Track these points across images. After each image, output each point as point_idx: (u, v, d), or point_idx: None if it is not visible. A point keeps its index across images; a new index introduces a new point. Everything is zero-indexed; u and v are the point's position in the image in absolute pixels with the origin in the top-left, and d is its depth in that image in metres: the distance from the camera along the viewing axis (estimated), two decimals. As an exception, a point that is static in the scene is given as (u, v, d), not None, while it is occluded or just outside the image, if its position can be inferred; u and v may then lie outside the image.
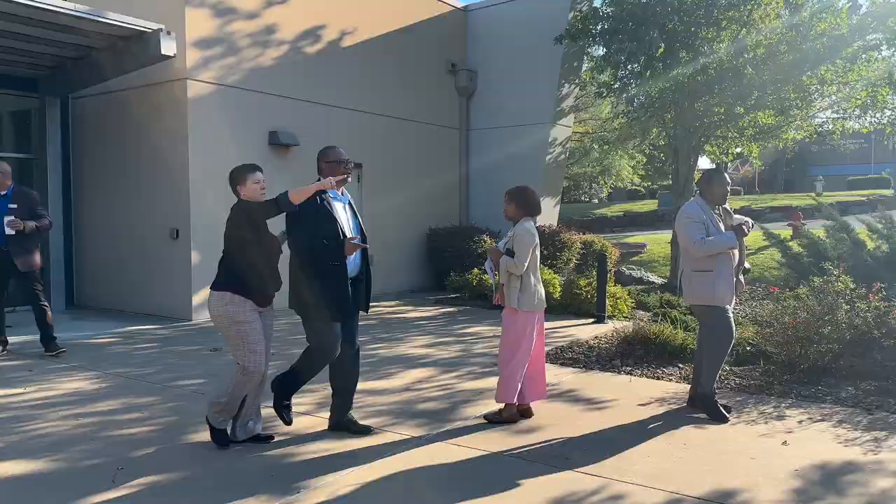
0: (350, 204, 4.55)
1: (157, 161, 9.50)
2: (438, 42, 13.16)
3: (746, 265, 5.26)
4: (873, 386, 5.50)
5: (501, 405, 4.85)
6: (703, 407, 4.96)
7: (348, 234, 4.32)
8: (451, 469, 3.94)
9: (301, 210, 4.14)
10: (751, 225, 4.96)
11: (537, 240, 4.82)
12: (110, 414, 5.00)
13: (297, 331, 5.02)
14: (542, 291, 4.96)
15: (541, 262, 10.56)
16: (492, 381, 5.44)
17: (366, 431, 4.51)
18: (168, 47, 8.28)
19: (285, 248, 4.41)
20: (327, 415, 4.66)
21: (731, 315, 4.95)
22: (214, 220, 9.37)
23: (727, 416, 4.86)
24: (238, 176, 4.22)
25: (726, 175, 5.06)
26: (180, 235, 9.25)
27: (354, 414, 4.66)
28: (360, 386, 4.75)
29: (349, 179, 4.48)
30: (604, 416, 5.04)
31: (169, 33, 8.30)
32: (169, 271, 9.40)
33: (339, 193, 4.46)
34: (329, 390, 4.63)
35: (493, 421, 4.77)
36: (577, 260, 12.07)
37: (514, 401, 4.81)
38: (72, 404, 5.24)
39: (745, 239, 4.93)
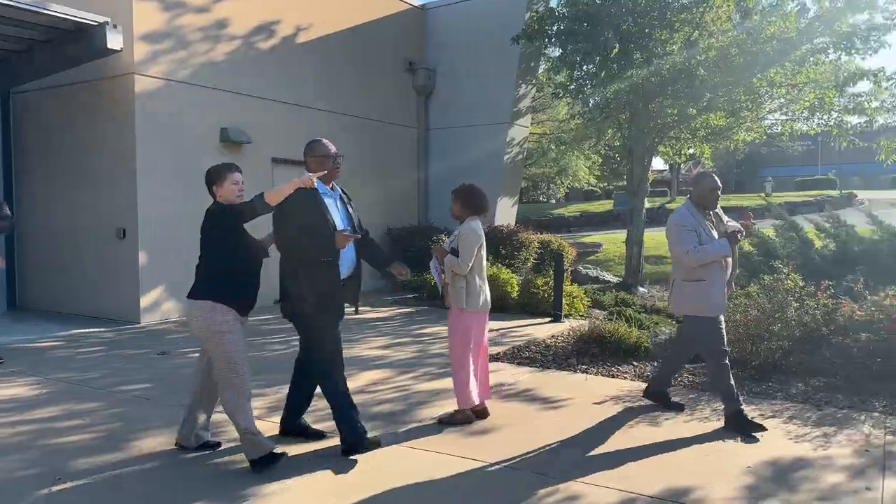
0: (342, 198, 4.31)
1: (104, 159, 9.18)
2: (396, 40, 13.06)
3: (736, 270, 5.01)
4: (822, 382, 5.61)
5: (455, 407, 4.79)
6: (655, 399, 5.11)
7: (339, 228, 4.12)
8: (405, 474, 3.86)
9: (288, 208, 3.92)
10: (742, 232, 4.74)
11: (483, 239, 4.74)
12: (50, 421, 4.78)
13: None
14: (488, 292, 4.88)
15: (499, 262, 10.65)
16: (448, 382, 5.38)
17: (320, 436, 4.40)
18: (114, 41, 8.01)
19: (272, 250, 4.20)
20: (278, 419, 4.54)
21: (722, 326, 4.72)
22: (163, 220, 9.18)
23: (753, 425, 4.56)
24: (215, 175, 3.95)
25: (716, 177, 4.81)
26: (127, 235, 8.95)
27: (307, 418, 4.54)
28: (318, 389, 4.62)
29: (339, 175, 4.26)
30: (560, 415, 5.02)
31: (115, 27, 8.03)
32: (115, 272, 9.10)
33: (329, 189, 4.24)
34: (281, 394, 4.51)
35: (447, 423, 4.71)
36: (534, 259, 12.11)
37: (473, 403, 4.76)
38: (8, 412, 4.99)
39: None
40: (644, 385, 5.80)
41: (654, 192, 38.00)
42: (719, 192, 4.76)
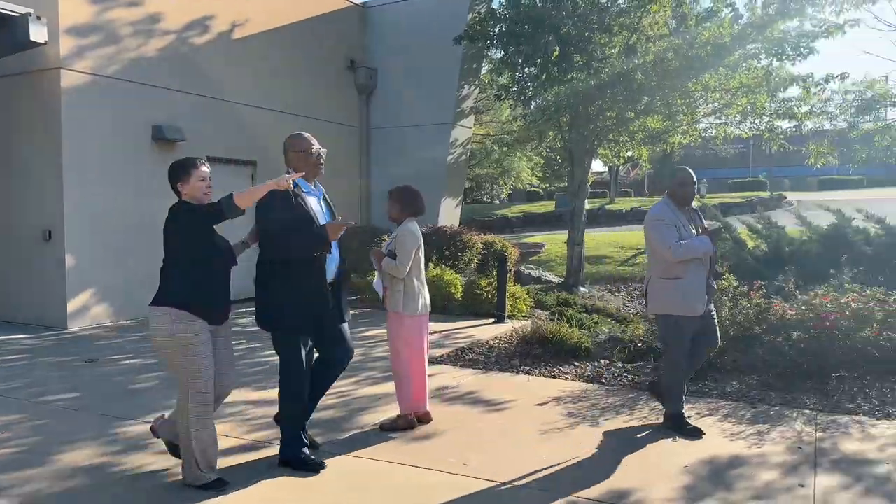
0: (325, 198, 4.11)
1: (28, 157, 8.72)
2: (336, 38, 12.86)
3: (718, 269, 4.94)
4: (756, 380, 5.76)
5: (397, 413, 4.72)
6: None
7: None
8: (349, 484, 3.76)
9: (271, 206, 3.68)
10: (722, 230, 4.78)
11: (421, 241, 4.66)
12: (-37, 437, 4.48)
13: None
14: (427, 295, 4.82)
15: (443, 263, 10.61)
16: (390, 387, 5.29)
17: (313, 446, 4.22)
18: (38, 33, 7.62)
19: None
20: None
21: (690, 329, 4.52)
22: (92, 220, 8.78)
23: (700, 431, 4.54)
24: (180, 171, 3.62)
25: (690, 172, 4.65)
26: (53, 236, 8.52)
27: (241, 427, 4.38)
28: (249, 396, 4.49)
29: (322, 171, 4.04)
30: (502, 417, 5.00)
31: (39, 18, 7.65)
32: (41, 275, 8.64)
33: (312, 186, 4.03)
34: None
35: (389, 429, 4.63)
36: (478, 260, 12.11)
37: (417, 408, 4.70)
38: (-84, 428, 4.66)
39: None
40: (586, 385, 5.86)
41: (595, 193, 38.74)
42: (693, 188, 4.62)
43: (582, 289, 11.72)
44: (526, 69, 11.11)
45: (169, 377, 6.10)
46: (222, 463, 3.85)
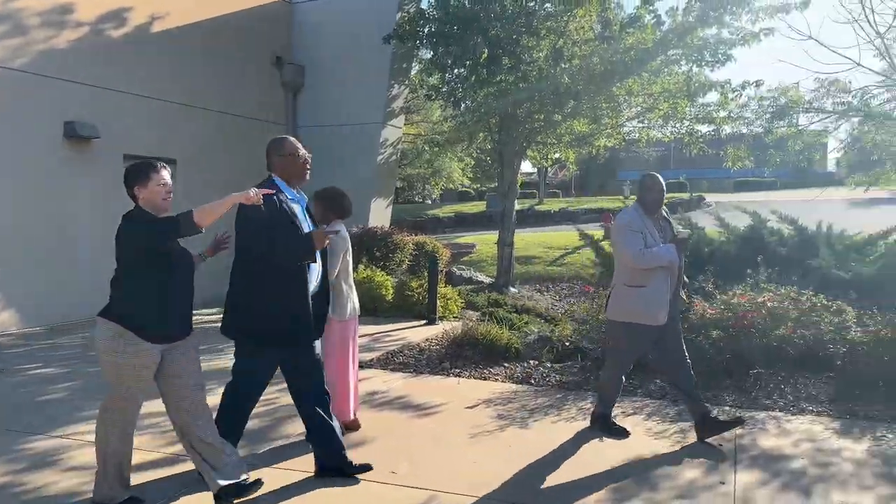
0: (308, 208, 3.86)
1: (-79, 153, 8.09)
2: (262, 33, 12.52)
3: (685, 278, 4.84)
4: (677, 377, 5.91)
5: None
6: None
7: None
8: (275, 497, 3.62)
9: (253, 214, 3.41)
10: (689, 238, 4.68)
11: (349, 244, 4.58)
12: None
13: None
14: (356, 299, 4.72)
15: (374, 264, 10.48)
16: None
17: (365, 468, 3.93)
18: (-69, 20, 7.07)
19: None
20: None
21: (650, 340, 4.49)
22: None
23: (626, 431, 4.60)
24: (137, 174, 3.31)
25: (658, 178, 4.57)
26: (-48, 240, 7.94)
27: (158, 439, 4.17)
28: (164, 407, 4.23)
29: (308, 178, 3.79)
30: (432, 422, 4.95)
31: (-67, 4, 7.09)
32: (-63, 282, 8.04)
33: (297, 193, 3.75)
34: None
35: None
36: (409, 261, 12.03)
37: (348, 416, 4.59)
38: None
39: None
40: (515, 386, 5.88)
41: (524, 194, 39.29)
42: (659, 194, 4.49)
43: (512, 289, 11.82)
44: (455, 70, 11.11)
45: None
46: (136, 479, 3.64)
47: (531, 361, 6.68)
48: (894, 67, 6.36)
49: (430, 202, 40.41)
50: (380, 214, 13.40)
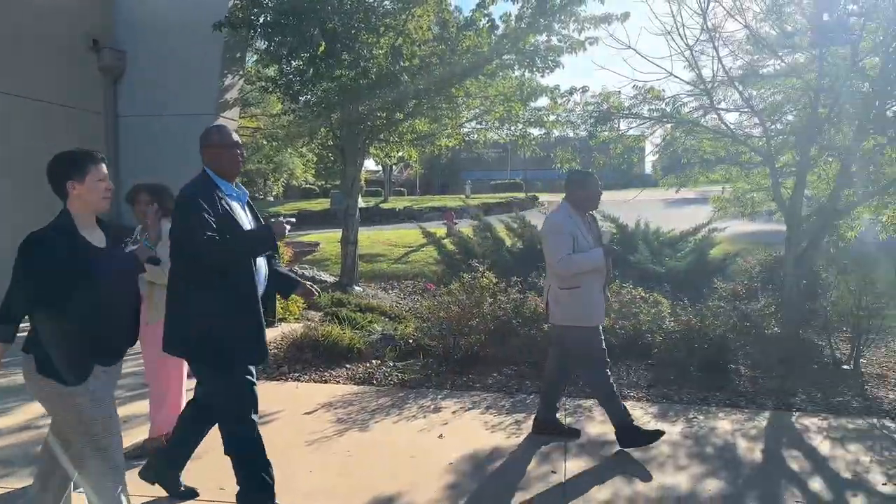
0: (249, 204, 3.43)
1: None
2: (75, 14, 11.35)
3: (610, 276, 4.74)
4: (513, 370, 6.12)
5: (144, 438, 4.22)
6: (623, 442, 4.31)
7: None
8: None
9: (189, 216, 3.03)
10: (614, 235, 4.57)
11: None
12: None
13: None
14: None
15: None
16: (139, 407, 4.74)
17: None
18: None
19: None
20: None
21: (601, 336, 4.43)
22: None
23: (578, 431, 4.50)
24: (72, 167, 2.78)
25: (595, 177, 4.46)
26: None
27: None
28: None
29: (240, 170, 3.35)
30: (269, 430, 4.69)
31: None
32: None
33: (235, 188, 3.34)
34: None
35: (134, 457, 4.10)
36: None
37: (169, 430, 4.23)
38: None
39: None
40: (357, 387, 5.78)
41: (370, 191, 39.18)
42: (596, 193, 4.40)
43: (356, 288, 11.68)
44: (293, 63, 10.75)
45: None
46: None
47: (374, 361, 6.60)
48: (702, 78, 6.97)
49: (271, 199, 39.12)
50: (213, 212, 12.68)
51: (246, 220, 3.29)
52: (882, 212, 7.51)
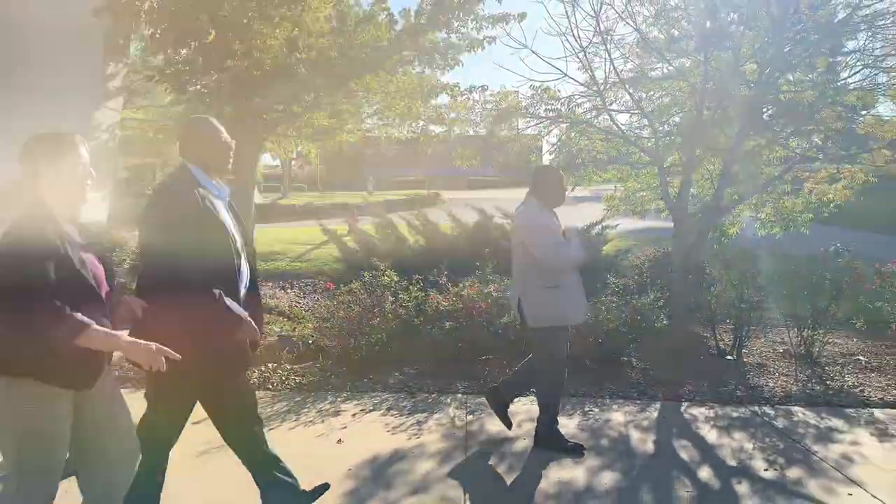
0: (231, 204, 3.12)
1: None
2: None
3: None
4: (415, 370, 6.05)
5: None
6: (545, 447, 4.25)
7: (238, 246, 2.96)
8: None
9: (172, 218, 2.76)
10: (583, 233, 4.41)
11: None
12: None
13: None
14: None
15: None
16: None
17: None
18: None
19: None
20: None
21: (569, 338, 4.32)
22: None
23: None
24: (50, 150, 2.39)
25: (560, 172, 4.39)
26: None
27: None
28: None
29: (229, 167, 3.11)
30: (153, 443, 4.41)
31: None
32: None
33: (216, 184, 3.01)
34: None
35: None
36: (132, 261, 10.83)
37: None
38: None
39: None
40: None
41: (268, 187, 38.07)
42: (562, 189, 4.32)
43: (252, 287, 11.26)
44: (182, 51, 10.19)
45: None
46: None
47: (270, 365, 6.34)
48: (595, 79, 7.16)
49: (163, 195, 37.26)
50: (94, 207, 11.88)
51: (229, 221, 3.04)
52: (761, 209, 8.00)
